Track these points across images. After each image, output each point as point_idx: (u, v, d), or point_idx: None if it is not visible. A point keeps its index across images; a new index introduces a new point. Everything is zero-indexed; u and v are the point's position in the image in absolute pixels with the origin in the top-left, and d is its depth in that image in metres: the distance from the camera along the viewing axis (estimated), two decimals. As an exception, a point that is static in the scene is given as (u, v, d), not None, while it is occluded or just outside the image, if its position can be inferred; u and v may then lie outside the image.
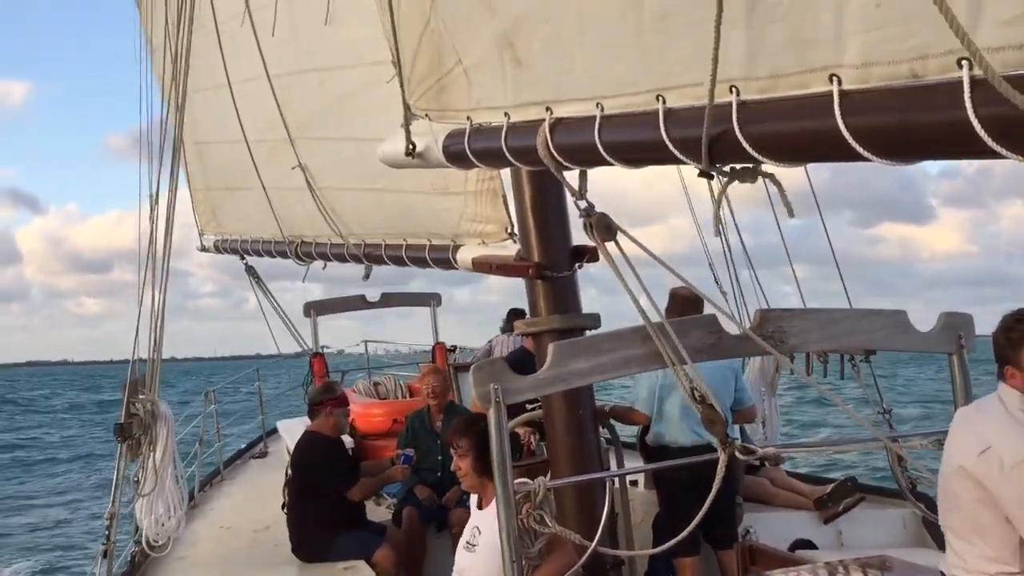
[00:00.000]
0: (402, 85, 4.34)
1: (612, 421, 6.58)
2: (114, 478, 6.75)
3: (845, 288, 6.88)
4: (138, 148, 7.91)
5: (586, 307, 5.91)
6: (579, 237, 5.67)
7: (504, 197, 6.65)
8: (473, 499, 4.81)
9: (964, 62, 2.04)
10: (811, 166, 6.54)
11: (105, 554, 6.54)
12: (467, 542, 4.66)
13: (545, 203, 5.79)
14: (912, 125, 2.21)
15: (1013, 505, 3.36)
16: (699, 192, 8.13)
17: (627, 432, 7.84)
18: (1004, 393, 3.57)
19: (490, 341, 10.73)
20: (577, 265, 5.82)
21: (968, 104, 2.02)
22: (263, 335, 11.38)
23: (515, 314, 10.27)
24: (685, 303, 5.73)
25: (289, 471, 7.01)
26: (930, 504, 5.94)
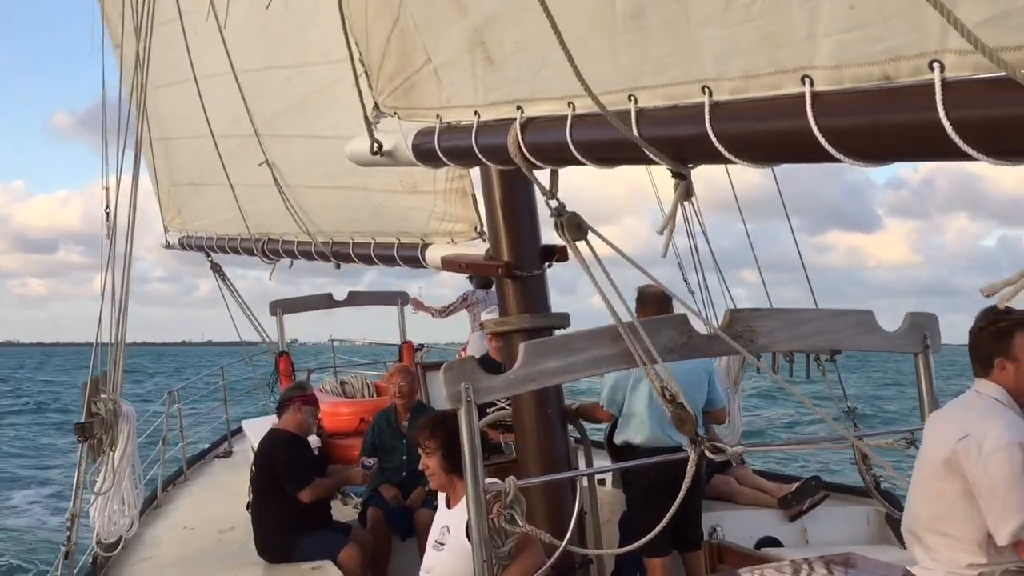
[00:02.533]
0: (359, 88, 4.30)
1: (581, 420, 6.58)
2: (75, 478, 6.65)
3: (811, 287, 6.98)
4: (86, 129, 7.79)
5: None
6: (548, 236, 5.67)
7: (473, 196, 6.64)
8: (441, 498, 4.79)
9: (936, 64, 2.05)
10: (761, 173, 6.66)
11: (67, 555, 6.44)
12: (436, 541, 4.63)
13: (515, 202, 5.78)
14: (884, 127, 2.22)
15: (985, 489, 3.45)
16: (649, 193, 8.21)
17: (595, 431, 7.86)
18: (982, 387, 3.68)
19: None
20: (546, 264, 5.82)
21: (940, 107, 2.03)
22: (212, 322, 11.26)
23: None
24: (657, 302, 5.72)
25: (253, 469, 6.94)
26: (894, 501, 6.04)
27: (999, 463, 3.41)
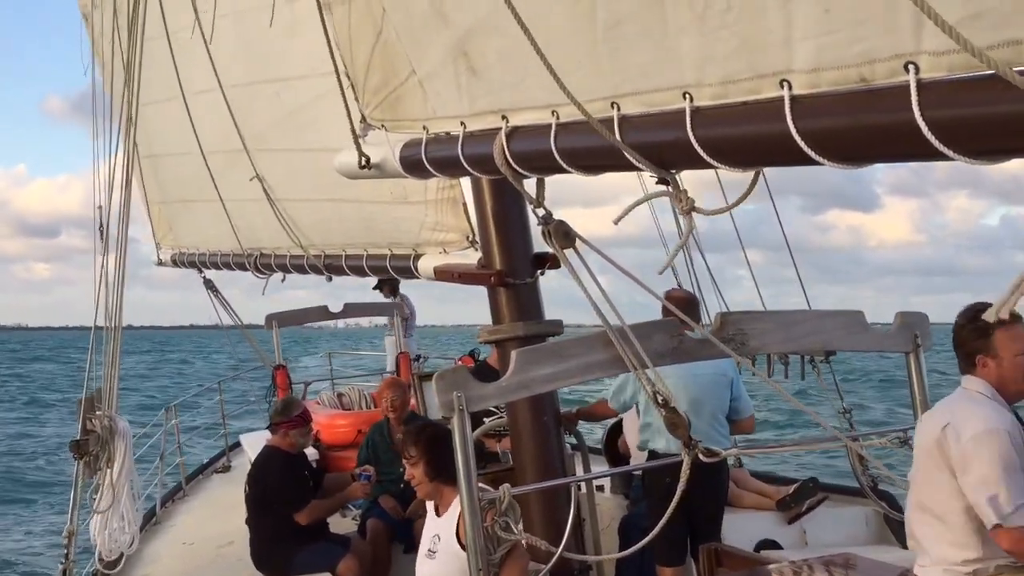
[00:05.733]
0: (346, 103, 4.32)
1: (580, 424, 6.55)
2: (72, 496, 6.64)
3: (798, 272, 6.98)
4: (80, 112, 7.77)
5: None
6: (540, 244, 5.68)
7: (464, 205, 6.65)
8: (430, 507, 4.80)
9: (911, 66, 2.07)
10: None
11: (64, 573, 6.43)
12: (428, 550, 4.64)
13: (505, 211, 5.80)
14: (861, 129, 2.24)
15: (966, 477, 3.51)
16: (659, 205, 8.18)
17: (593, 436, 7.86)
18: (967, 383, 3.78)
19: None
20: (539, 272, 5.83)
21: (916, 107, 2.05)
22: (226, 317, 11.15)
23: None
24: (679, 305, 5.67)
25: (247, 487, 6.92)
26: (891, 502, 6.04)
27: (975, 449, 3.49)
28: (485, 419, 6.30)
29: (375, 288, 11.62)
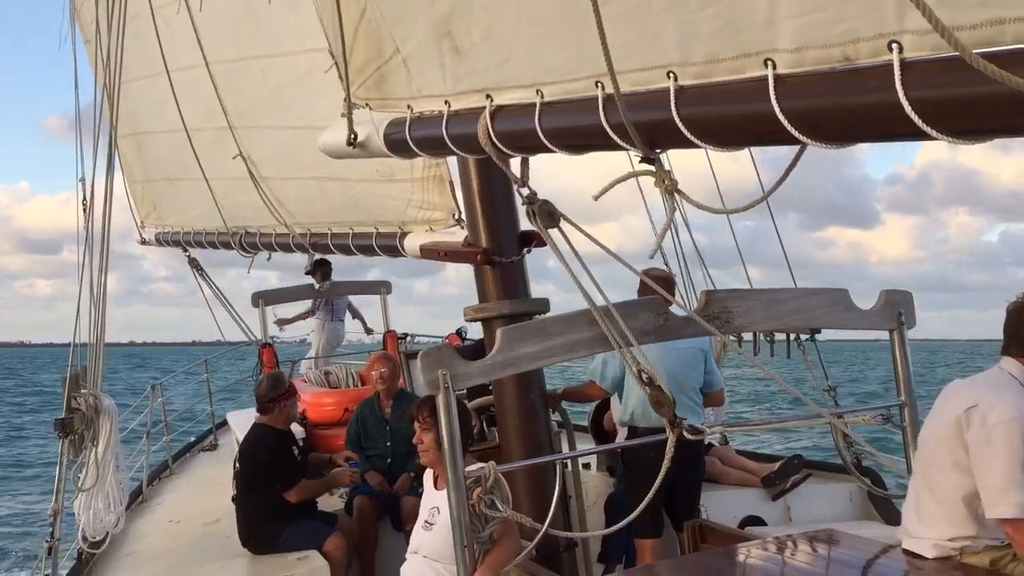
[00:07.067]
0: (343, 76, 4.28)
1: (565, 404, 6.58)
2: (57, 474, 6.62)
3: (794, 282, 7.00)
4: (73, 130, 7.69)
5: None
6: (527, 222, 5.68)
7: (451, 183, 6.64)
8: (428, 479, 4.81)
9: (894, 45, 2.07)
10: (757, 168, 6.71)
11: (50, 551, 6.42)
12: (425, 521, 4.66)
13: (492, 189, 5.79)
14: (845, 108, 2.24)
15: (983, 461, 3.47)
16: (649, 191, 8.21)
17: (579, 414, 7.89)
18: (1005, 364, 3.68)
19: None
20: (525, 250, 5.84)
21: (899, 87, 2.05)
22: (222, 321, 11.22)
23: (320, 263, 11.26)
24: (657, 283, 5.68)
25: (237, 464, 6.92)
26: (875, 479, 6.09)
27: (1003, 435, 3.42)
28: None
29: (307, 273, 11.66)
